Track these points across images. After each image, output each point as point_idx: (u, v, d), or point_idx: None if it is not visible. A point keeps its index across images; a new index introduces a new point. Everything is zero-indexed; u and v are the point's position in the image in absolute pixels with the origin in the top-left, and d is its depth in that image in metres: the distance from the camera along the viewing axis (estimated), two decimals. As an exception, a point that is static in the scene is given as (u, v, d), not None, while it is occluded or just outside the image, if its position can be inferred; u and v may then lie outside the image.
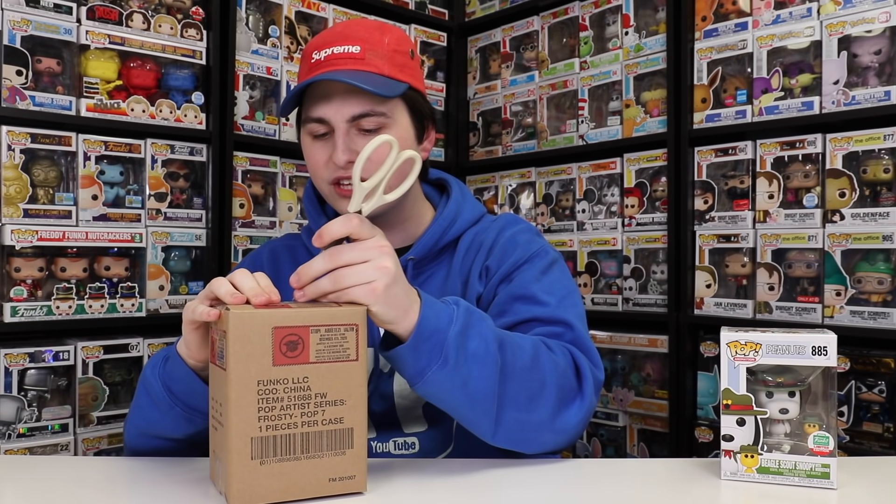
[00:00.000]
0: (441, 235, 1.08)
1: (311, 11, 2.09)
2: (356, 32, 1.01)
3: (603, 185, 2.14)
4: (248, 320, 0.71)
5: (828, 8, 1.69)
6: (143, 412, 0.92)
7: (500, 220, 1.13)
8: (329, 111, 0.99)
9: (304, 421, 0.73)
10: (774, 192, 1.76)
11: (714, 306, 1.85)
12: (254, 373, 0.71)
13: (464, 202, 1.13)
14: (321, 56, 0.99)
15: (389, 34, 1.03)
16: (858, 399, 1.62)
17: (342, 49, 0.99)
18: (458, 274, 1.08)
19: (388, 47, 1.01)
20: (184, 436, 0.91)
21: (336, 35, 1.01)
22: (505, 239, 1.08)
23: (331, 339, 0.74)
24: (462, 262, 1.09)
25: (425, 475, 0.86)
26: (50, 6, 1.62)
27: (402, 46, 1.04)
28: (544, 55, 2.29)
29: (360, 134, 1.00)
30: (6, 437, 1.54)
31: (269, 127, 1.99)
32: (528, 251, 1.06)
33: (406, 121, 1.03)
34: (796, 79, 1.74)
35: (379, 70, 0.99)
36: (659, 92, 2.01)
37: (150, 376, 0.90)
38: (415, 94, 1.04)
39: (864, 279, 1.61)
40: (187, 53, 1.82)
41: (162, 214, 1.78)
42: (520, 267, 1.05)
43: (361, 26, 1.03)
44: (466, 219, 1.11)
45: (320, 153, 1.02)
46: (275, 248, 1.18)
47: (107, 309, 1.69)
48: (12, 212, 1.56)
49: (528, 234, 1.11)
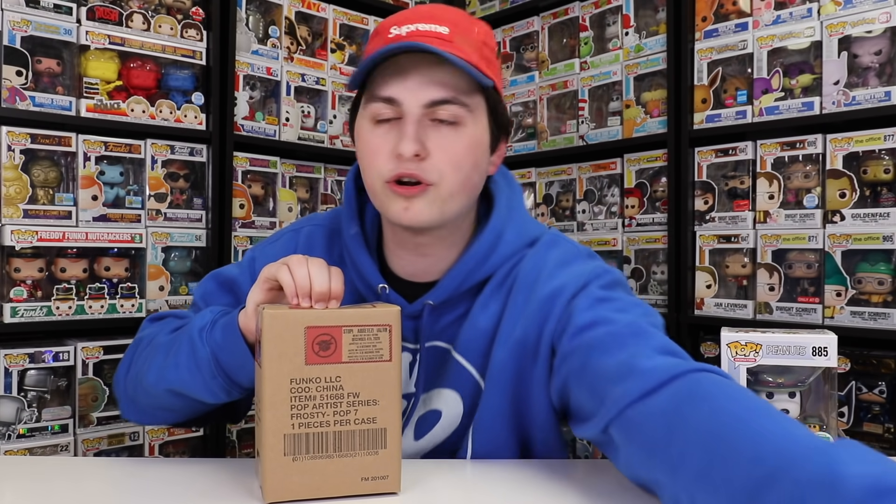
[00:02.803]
0: (466, 276, 0.91)
1: (311, 12, 2.09)
2: (445, 14, 0.86)
3: (603, 186, 2.14)
4: (281, 320, 0.73)
5: (828, 8, 1.69)
6: (179, 372, 0.85)
7: (577, 277, 0.89)
8: (403, 91, 0.83)
9: (337, 420, 0.74)
10: (775, 192, 1.76)
11: (714, 307, 1.85)
12: (286, 371, 0.72)
13: (507, 226, 0.93)
14: (402, 31, 0.84)
15: (479, 25, 0.90)
16: (859, 399, 1.61)
17: (428, 27, 0.84)
18: (532, 324, 0.88)
19: (478, 38, 0.87)
20: (215, 402, 0.87)
21: (421, 14, 0.86)
22: (584, 305, 0.85)
23: (363, 339, 0.75)
24: (526, 309, 0.89)
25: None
26: (50, 6, 1.62)
27: (490, 41, 0.90)
28: (544, 55, 2.29)
29: (433, 125, 0.84)
30: (6, 438, 1.54)
31: (269, 127, 1.99)
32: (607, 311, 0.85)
33: (485, 122, 0.88)
34: (796, 79, 1.74)
35: (468, 57, 0.83)
36: (659, 92, 2.01)
37: (196, 339, 0.83)
38: (497, 96, 0.90)
39: (865, 280, 1.61)
40: (187, 54, 1.82)
41: (162, 215, 1.78)
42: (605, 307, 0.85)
43: (450, 10, 0.89)
44: (505, 252, 0.92)
45: (381, 141, 0.85)
46: (312, 234, 1.04)
47: (107, 309, 1.69)
48: (12, 212, 1.56)
49: (607, 289, 0.89)
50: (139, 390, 0.92)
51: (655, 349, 0.76)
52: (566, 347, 0.83)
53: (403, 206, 0.85)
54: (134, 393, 0.94)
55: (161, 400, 0.90)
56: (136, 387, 0.93)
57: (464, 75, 0.83)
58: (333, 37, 2.14)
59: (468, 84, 0.85)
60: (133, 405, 0.96)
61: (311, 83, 2.08)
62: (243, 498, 0.77)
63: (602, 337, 0.80)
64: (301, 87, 2.06)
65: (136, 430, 1.72)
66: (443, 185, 0.85)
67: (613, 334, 0.80)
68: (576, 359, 0.81)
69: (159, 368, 0.88)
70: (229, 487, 0.80)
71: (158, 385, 0.88)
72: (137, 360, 0.95)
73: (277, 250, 1.00)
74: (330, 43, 2.13)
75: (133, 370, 0.95)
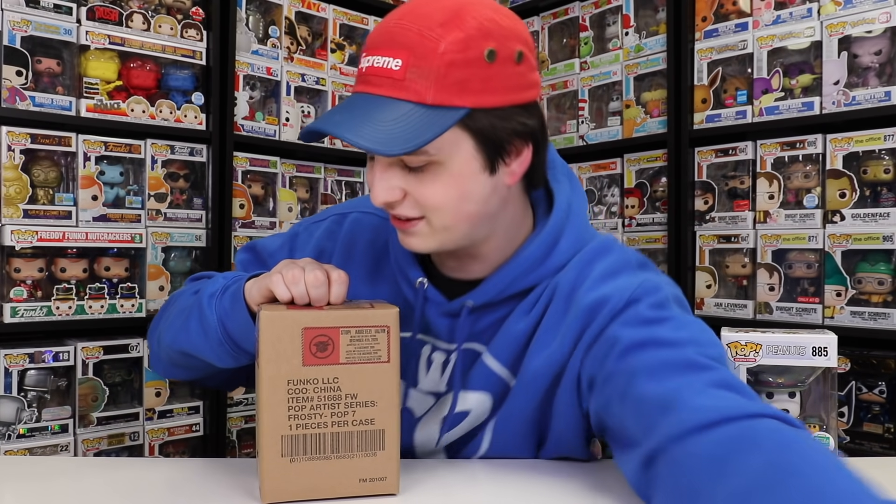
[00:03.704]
0: (511, 282, 0.87)
1: (311, 12, 2.09)
2: (409, 31, 0.76)
3: (603, 186, 2.14)
4: (278, 321, 0.72)
5: (828, 8, 1.69)
6: (189, 335, 0.87)
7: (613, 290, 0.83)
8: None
9: (335, 421, 0.74)
10: (775, 192, 1.76)
11: (714, 307, 1.85)
12: (284, 372, 0.72)
13: (566, 227, 0.88)
14: (364, 66, 0.79)
15: (455, 33, 0.75)
16: (859, 399, 1.61)
17: (382, 62, 0.76)
18: (568, 334, 0.83)
19: (444, 58, 0.74)
20: (224, 366, 0.88)
21: (385, 34, 0.78)
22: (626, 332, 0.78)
23: (361, 340, 0.75)
24: (565, 318, 0.84)
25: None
26: (50, 6, 1.62)
27: (470, 50, 0.75)
28: (544, 55, 2.29)
29: (404, 170, 0.79)
30: (6, 438, 1.54)
31: (269, 127, 1.99)
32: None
33: (467, 152, 0.78)
34: (796, 79, 1.74)
35: (419, 97, 0.75)
36: (659, 92, 2.01)
37: (206, 306, 0.84)
38: (484, 116, 0.78)
39: (865, 280, 1.61)
40: (187, 54, 1.82)
41: (162, 215, 1.78)
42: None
43: (423, 19, 0.76)
44: (556, 264, 0.87)
45: (371, 176, 0.82)
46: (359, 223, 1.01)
47: (107, 309, 1.69)
48: (12, 212, 1.56)
49: (658, 310, 0.81)
50: (161, 347, 0.95)
51: (709, 383, 0.70)
52: (610, 368, 0.77)
53: (402, 238, 0.85)
54: (158, 349, 0.97)
55: (177, 359, 0.93)
56: (159, 343, 0.96)
57: (395, 146, 0.73)
58: (333, 37, 2.14)
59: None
60: (158, 359, 0.99)
61: (311, 83, 2.08)
62: (243, 498, 0.77)
63: (649, 361, 0.74)
64: (301, 87, 2.06)
65: (136, 430, 1.72)
66: (433, 220, 0.81)
67: (663, 360, 0.73)
68: (620, 380, 0.75)
69: (176, 330, 0.90)
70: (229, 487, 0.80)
71: (174, 346, 0.90)
72: (163, 317, 0.98)
73: (320, 234, 1.01)
74: (330, 43, 2.13)
75: (159, 328, 0.97)
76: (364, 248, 0.98)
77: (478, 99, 0.77)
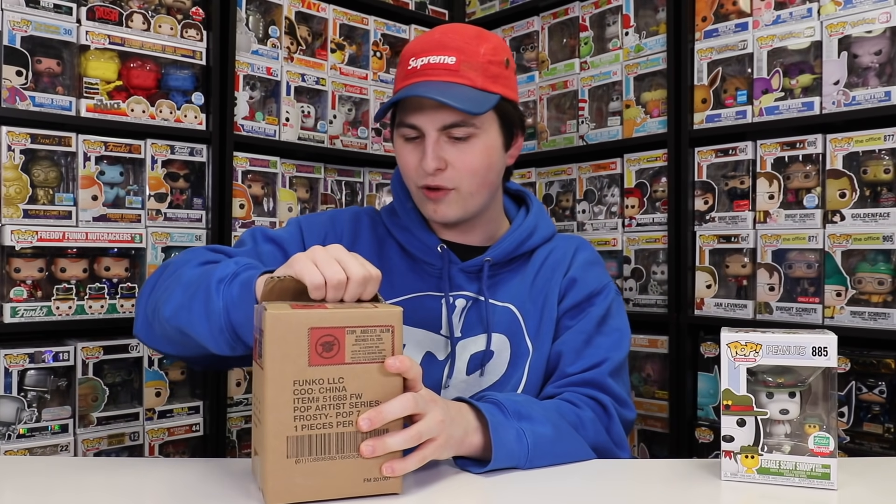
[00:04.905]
0: (519, 244, 1.16)
1: (311, 12, 2.09)
2: (453, 41, 1.06)
3: (603, 186, 2.14)
4: (284, 321, 0.72)
5: (828, 8, 1.69)
6: (190, 316, 0.87)
7: (572, 242, 1.23)
8: (422, 119, 1.05)
9: (340, 421, 0.74)
10: (775, 192, 1.76)
11: (714, 307, 1.85)
12: (289, 373, 0.72)
13: (541, 218, 1.21)
14: (418, 64, 1.05)
15: (486, 44, 1.07)
16: (859, 400, 1.61)
17: (438, 59, 1.04)
18: (539, 291, 1.15)
19: (484, 58, 1.06)
20: (218, 353, 0.87)
21: (433, 43, 1.06)
22: (579, 264, 1.18)
23: (366, 340, 0.75)
24: (539, 277, 1.17)
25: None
26: (50, 6, 1.62)
27: (497, 56, 1.08)
28: (544, 55, 2.29)
29: (450, 142, 1.06)
30: (6, 438, 1.54)
31: (269, 127, 1.99)
32: (599, 284, 1.17)
33: (495, 130, 1.09)
34: (796, 79, 1.74)
35: (472, 82, 1.04)
36: (659, 92, 2.01)
37: (213, 289, 0.85)
38: (506, 104, 1.09)
39: (865, 280, 1.61)
40: (187, 54, 1.82)
41: (162, 215, 1.78)
42: (591, 300, 1.15)
43: (459, 35, 1.08)
44: (542, 234, 1.19)
45: (411, 156, 1.08)
46: (358, 213, 1.22)
47: (107, 309, 1.69)
48: (12, 212, 1.56)
49: (599, 266, 1.21)
50: (156, 317, 0.95)
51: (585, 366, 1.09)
52: (567, 323, 1.14)
53: (433, 208, 1.09)
54: (151, 317, 0.96)
55: (170, 334, 0.93)
56: (154, 312, 0.95)
57: (467, 105, 1.01)
58: (333, 37, 2.14)
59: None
60: (147, 327, 0.98)
61: (311, 83, 2.08)
62: (243, 498, 0.77)
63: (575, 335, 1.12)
64: (301, 87, 2.06)
65: (136, 430, 1.72)
66: (463, 188, 1.08)
67: (585, 340, 1.12)
68: (567, 335, 1.12)
69: (176, 306, 0.90)
70: (229, 487, 0.80)
71: (172, 321, 0.90)
72: (161, 284, 0.97)
73: (324, 219, 1.18)
74: (330, 43, 2.13)
75: (155, 295, 0.96)
76: (367, 231, 1.19)
77: (504, 90, 1.08)
